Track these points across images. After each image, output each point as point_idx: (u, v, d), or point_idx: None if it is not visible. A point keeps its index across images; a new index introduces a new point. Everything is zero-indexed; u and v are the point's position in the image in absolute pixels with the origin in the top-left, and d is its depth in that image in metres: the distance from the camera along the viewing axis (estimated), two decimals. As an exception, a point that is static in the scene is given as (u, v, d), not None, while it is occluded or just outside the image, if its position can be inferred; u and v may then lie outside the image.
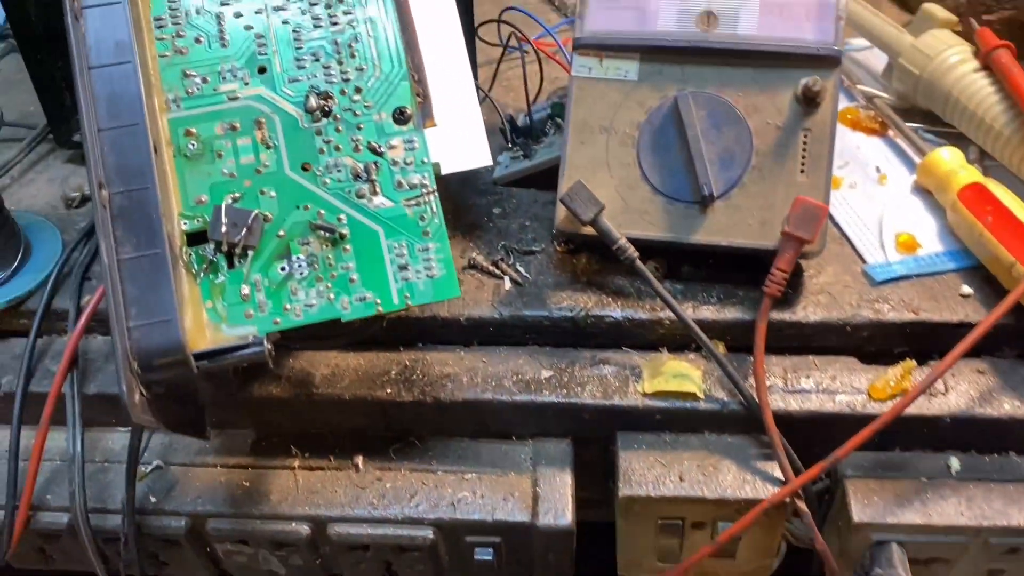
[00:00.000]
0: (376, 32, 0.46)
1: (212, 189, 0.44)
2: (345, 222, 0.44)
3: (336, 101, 0.45)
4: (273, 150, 0.44)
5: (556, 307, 0.53)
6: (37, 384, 0.53)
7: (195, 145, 0.44)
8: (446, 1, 0.53)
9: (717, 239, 0.51)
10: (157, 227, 0.41)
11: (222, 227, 0.42)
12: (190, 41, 0.45)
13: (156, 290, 0.40)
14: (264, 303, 0.43)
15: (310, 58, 0.45)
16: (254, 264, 0.43)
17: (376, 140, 0.45)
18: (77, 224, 0.61)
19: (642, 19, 0.52)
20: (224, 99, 0.45)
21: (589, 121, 0.53)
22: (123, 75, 0.42)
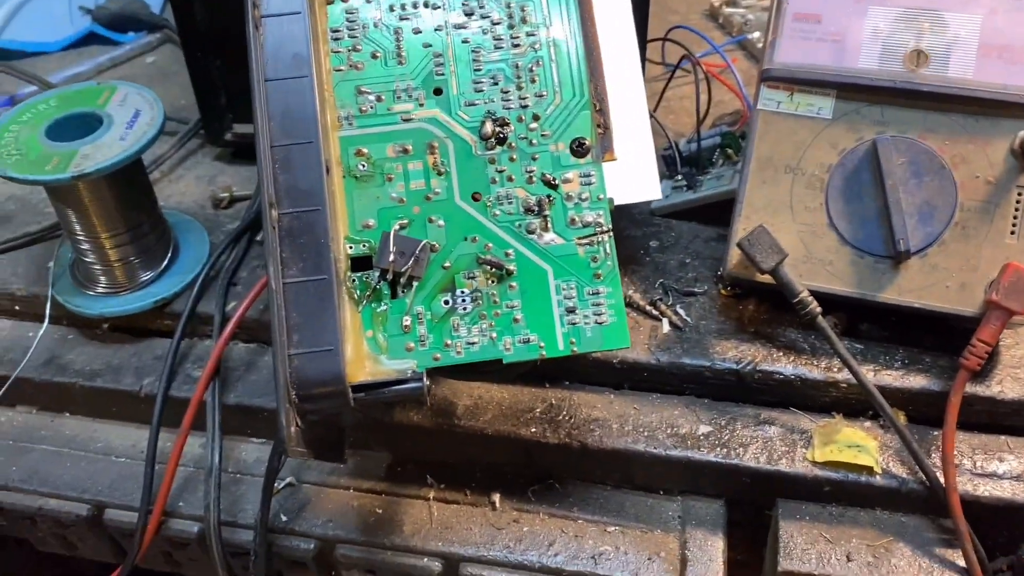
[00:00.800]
0: (559, 57, 0.43)
1: (380, 213, 0.42)
2: (513, 258, 0.41)
3: (512, 128, 0.42)
4: (444, 177, 0.42)
5: (720, 357, 0.49)
6: (177, 388, 0.53)
7: (365, 166, 0.42)
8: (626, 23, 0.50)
9: (909, 300, 0.47)
10: (325, 252, 0.39)
11: (390, 255, 0.40)
12: (366, 56, 0.43)
13: (320, 318, 0.38)
14: (425, 337, 0.40)
15: (488, 81, 0.43)
16: (418, 295, 0.41)
17: (551, 172, 0.42)
18: (224, 226, 0.61)
19: (841, 54, 0.48)
20: (398, 120, 0.42)
21: (773, 159, 0.49)
22: (299, 90, 0.40)
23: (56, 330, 0.57)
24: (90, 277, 0.55)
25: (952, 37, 0.47)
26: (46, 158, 0.48)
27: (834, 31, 0.48)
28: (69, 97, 0.53)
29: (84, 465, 0.54)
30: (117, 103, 0.52)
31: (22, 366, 0.54)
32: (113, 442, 0.55)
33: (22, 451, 0.55)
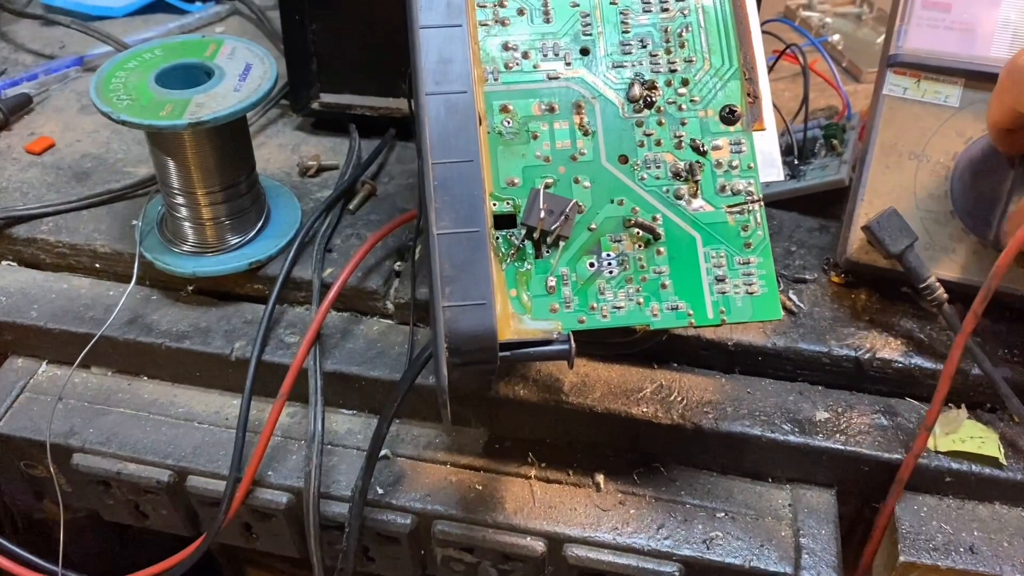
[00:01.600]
0: (709, 23, 0.42)
1: (524, 171, 0.40)
2: (660, 223, 0.40)
3: (661, 92, 0.42)
4: (591, 137, 0.41)
5: (837, 344, 0.48)
6: (271, 353, 0.51)
7: (510, 123, 0.41)
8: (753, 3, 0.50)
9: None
10: (479, 204, 0.38)
11: (539, 213, 0.39)
12: (512, 12, 0.42)
13: (472, 271, 0.37)
14: (570, 298, 0.39)
15: (637, 44, 0.42)
16: (563, 256, 0.40)
17: (700, 138, 0.41)
18: (313, 194, 0.59)
19: (971, 41, 0.48)
20: (544, 78, 0.41)
21: (898, 145, 0.48)
22: (453, 38, 0.39)
23: (139, 290, 0.55)
24: (180, 235, 0.53)
25: (1087, 30, 0.47)
26: (159, 104, 0.47)
27: (965, 19, 0.48)
28: (175, 47, 0.51)
29: (165, 430, 0.52)
30: (226, 56, 0.51)
31: (107, 324, 0.52)
32: (195, 408, 0.53)
33: (98, 413, 0.53)
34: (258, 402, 0.50)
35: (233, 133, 0.50)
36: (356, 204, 0.57)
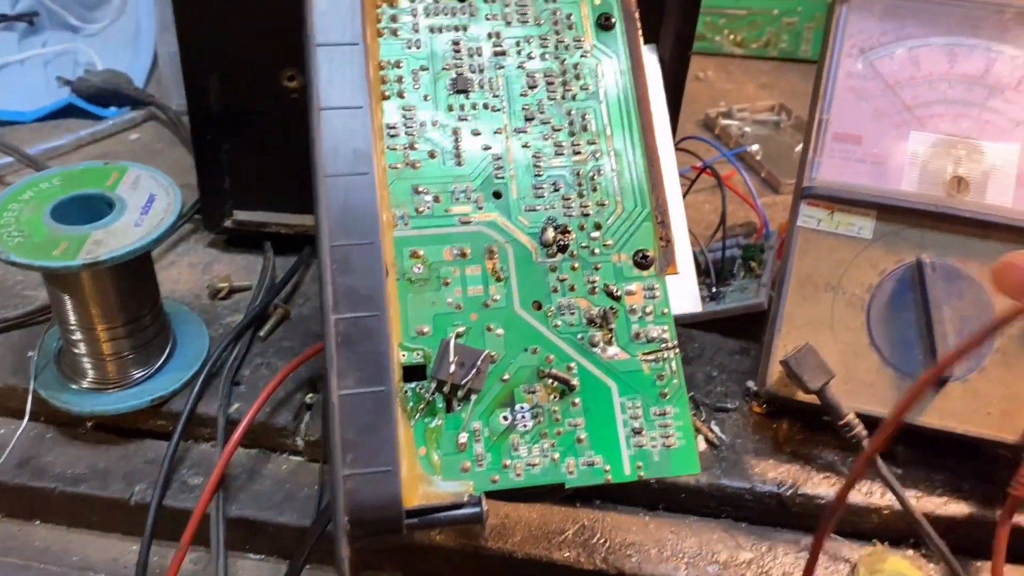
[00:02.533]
0: (620, 166, 0.42)
1: (435, 319, 0.39)
2: (576, 372, 0.39)
3: (574, 236, 0.41)
4: (503, 283, 0.40)
5: (760, 480, 0.47)
6: (173, 497, 0.48)
7: (421, 269, 0.39)
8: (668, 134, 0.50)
9: (951, 425, 0.46)
10: (384, 361, 0.36)
11: (449, 366, 0.37)
12: (423, 155, 0.41)
13: (377, 434, 0.35)
14: (483, 456, 0.38)
15: (549, 187, 0.41)
16: (475, 410, 0.38)
17: (614, 283, 0.41)
18: (223, 319, 0.57)
19: (882, 175, 0.49)
20: (455, 222, 0.40)
21: (813, 276, 0.49)
22: (360, 187, 0.38)
23: (33, 427, 0.51)
24: (79, 371, 0.50)
25: (990, 166, 0.48)
26: (54, 242, 0.44)
27: (875, 152, 0.49)
28: (74, 176, 0.49)
29: (56, 581, 0.48)
30: (129, 185, 0.49)
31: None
32: (91, 555, 0.49)
33: (-17, 563, 0.49)
34: (161, 547, 0.47)
35: (135, 268, 0.48)
36: (267, 330, 0.55)
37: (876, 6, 0.50)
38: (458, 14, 0.44)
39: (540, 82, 0.43)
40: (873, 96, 0.49)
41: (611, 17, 0.44)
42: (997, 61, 0.49)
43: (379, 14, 0.43)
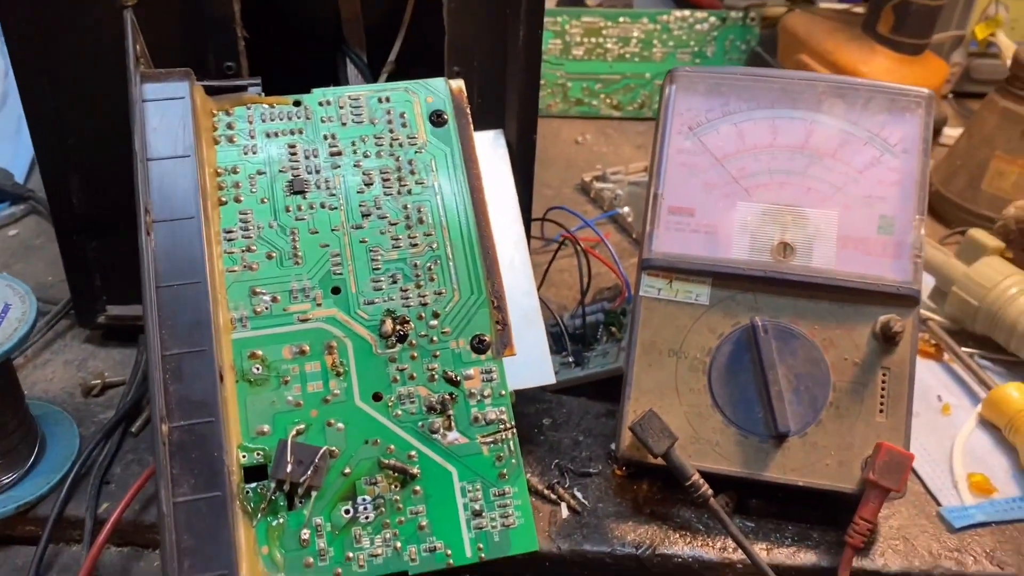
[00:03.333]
0: (456, 256, 0.44)
1: (276, 419, 0.40)
2: (416, 460, 0.41)
3: (413, 326, 0.43)
4: (343, 377, 0.41)
5: (619, 542, 0.49)
6: (40, 605, 0.48)
7: (260, 369, 0.41)
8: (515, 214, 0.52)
9: (793, 478, 0.49)
10: (218, 466, 0.37)
11: (287, 466, 0.39)
12: (261, 256, 0.43)
13: (214, 538, 0.36)
14: (325, 550, 0.39)
15: (387, 279, 0.43)
16: (316, 506, 0.39)
17: (453, 369, 0.42)
18: (96, 416, 0.57)
19: (715, 244, 0.51)
20: (294, 320, 0.42)
21: (657, 343, 0.51)
22: (192, 295, 0.40)
23: None
24: (-60, 482, 0.50)
25: (814, 231, 0.51)
26: (-98, 359, 0.45)
27: (707, 223, 0.52)
28: (-72, 289, 0.49)
29: None
30: (-17, 296, 0.49)
31: None
32: (-42, 670, 0.49)
33: None
34: (29, 656, 0.47)
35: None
36: (139, 425, 0.56)
37: (701, 85, 0.53)
38: (293, 118, 0.46)
39: (376, 179, 0.45)
40: (703, 170, 0.52)
41: (443, 114, 0.47)
42: (815, 131, 0.52)
43: (215, 123, 0.45)
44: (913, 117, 0.52)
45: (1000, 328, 0.60)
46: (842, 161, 0.52)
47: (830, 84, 0.53)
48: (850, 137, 0.52)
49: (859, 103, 0.52)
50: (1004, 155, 0.73)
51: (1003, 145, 0.74)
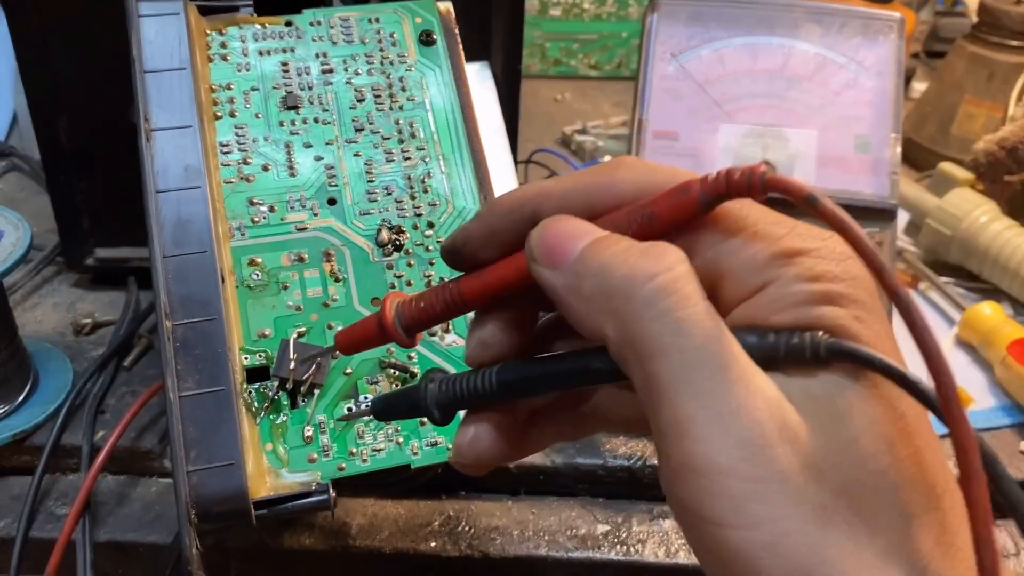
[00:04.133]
0: (449, 168, 0.45)
1: (276, 322, 0.41)
2: (415, 360, 0.42)
3: (408, 236, 0.43)
4: (342, 283, 0.42)
5: (611, 455, 0.50)
6: (40, 528, 0.48)
7: (259, 276, 0.41)
8: (502, 142, 0.53)
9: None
10: (223, 362, 0.38)
11: (289, 363, 0.39)
12: (257, 168, 0.43)
13: (218, 431, 0.37)
14: (329, 446, 0.39)
15: (382, 191, 0.44)
16: (319, 404, 0.40)
17: (449, 276, 0.43)
18: (88, 353, 0.57)
19: (698, 167, 0.53)
20: (292, 229, 0.43)
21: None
22: (192, 200, 0.40)
23: None
24: (-66, 413, 0.50)
25: (794, 151, 0.52)
26: None
27: (691, 146, 0.53)
28: (-80, 219, 0.49)
29: (-80, 626, 0.48)
30: (-24, 224, 0.49)
31: None
32: (-43, 597, 0.49)
33: None
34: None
35: (-14, 302, 0.48)
36: (132, 360, 0.56)
37: (682, 13, 0.54)
38: (285, 37, 0.46)
39: (368, 95, 0.46)
40: (685, 95, 0.54)
41: (432, 34, 0.48)
42: (793, 55, 0.54)
43: (208, 41, 0.45)
44: (886, 40, 0.53)
45: (973, 256, 0.62)
46: (819, 83, 0.53)
47: (806, 10, 0.54)
48: (826, 60, 0.53)
49: (834, 28, 0.54)
50: (973, 98, 0.76)
51: (972, 88, 0.76)
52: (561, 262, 0.24)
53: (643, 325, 0.22)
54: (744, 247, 0.23)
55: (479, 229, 0.27)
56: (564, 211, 0.26)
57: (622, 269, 0.23)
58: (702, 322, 0.22)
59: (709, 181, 0.23)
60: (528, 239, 0.25)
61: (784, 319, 0.23)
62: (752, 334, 0.23)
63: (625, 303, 0.23)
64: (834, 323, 0.22)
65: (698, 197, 0.23)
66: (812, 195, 0.21)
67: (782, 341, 0.22)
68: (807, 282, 0.22)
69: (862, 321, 0.22)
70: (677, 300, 0.22)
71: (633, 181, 0.25)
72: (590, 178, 0.26)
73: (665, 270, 0.22)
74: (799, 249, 0.23)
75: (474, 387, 0.28)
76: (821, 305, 0.22)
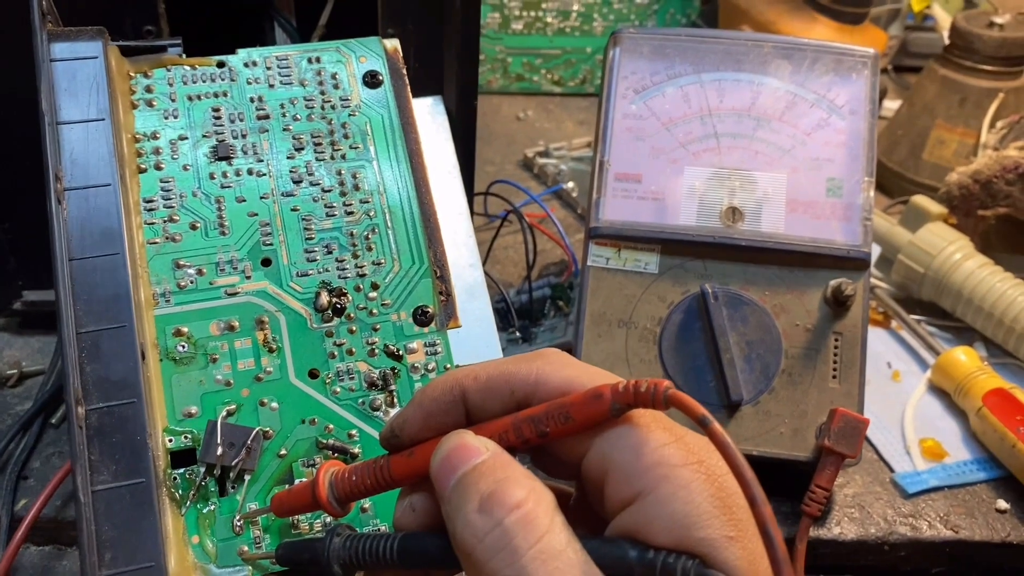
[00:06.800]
0: (396, 223, 0.42)
1: (204, 399, 0.37)
2: (357, 439, 0.38)
3: (350, 298, 0.40)
4: (277, 354, 0.39)
5: (571, 520, 0.48)
6: (-47, 610, 0.45)
7: (185, 347, 0.38)
8: (456, 184, 0.50)
9: (747, 447, 0.48)
10: (142, 450, 0.34)
11: (217, 448, 0.36)
12: (184, 227, 0.40)
13: (137, 528, 0.33)
14: (261, 538, 0.36)
15: (322, 250, 0.41)
16: (251, 490, 0.37)
17: (395, 343, 0.40)
18: (13, 408, 0.53)
19: (662, 211, 0.50)
20: (221, 294, 0.39)
21: (606, 314, 0.49)
22: (109, 268, 0.36)
23: None
24: None
25: (762, 194, 0.50)
26: None
27: (654, 190, 0.50)
28: None
29: None
30: None
31: None
32: None
33: None
34: (-57, 666, 0.43)
35: None
36: (60, 416, 0.52)
37: (645, 47, 0.52)
38: (217, 80, 0.43)
39: (307, 143, 0.42)
40: (649, 135, 0.51)
41: (378, 74, 0.44)
42: (761, 93, 0.51)
43: (132, 85, 0.42)
44: (859, 78, 0.51)
45: (946, 294, 0.60)
46: (789, 123, 0.51)
47: (776, 45, 0.52)
48: (797, 99, 0.51)
49: (805, 64, 0.51)
50: (944, 123, 0.74)
51: (943, 113, 0.74)
52: (444, 487, 0.27)
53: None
54: (628, 451, 0.26)
55: (415, 414, 0.30)
56: (488, 398, 0.29)
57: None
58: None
59: (619, 391, 0.26)
60: (434, 456, 0.28)
61: (662, 538, 0.25)
62: (635, 548, 0.25)
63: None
64: (706, 546, 0.24)
65: (610, 405, 0.26)
66: (704, 416, 0.24)
67: (659, 559, 0.25)
68: (682, 502, 0.24)
69: (735, 541, 0.24)
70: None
71: (553, 375, 0.28)
72: (515, 368, 0.29)
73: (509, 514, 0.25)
74: (680, 461, 0.25)
75: (376, 551, 0.29)
76: (696, 526, 0.24)
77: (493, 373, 0.29)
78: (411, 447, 0.30)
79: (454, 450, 0.27)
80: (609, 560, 0.25)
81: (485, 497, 0.26)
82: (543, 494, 0.26)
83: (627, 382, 0.26)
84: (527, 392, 0.28)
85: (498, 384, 0.29)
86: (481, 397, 0.29)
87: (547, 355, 0.29)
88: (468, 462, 0.27)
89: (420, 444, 0.30)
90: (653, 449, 0.25)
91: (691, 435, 0.26)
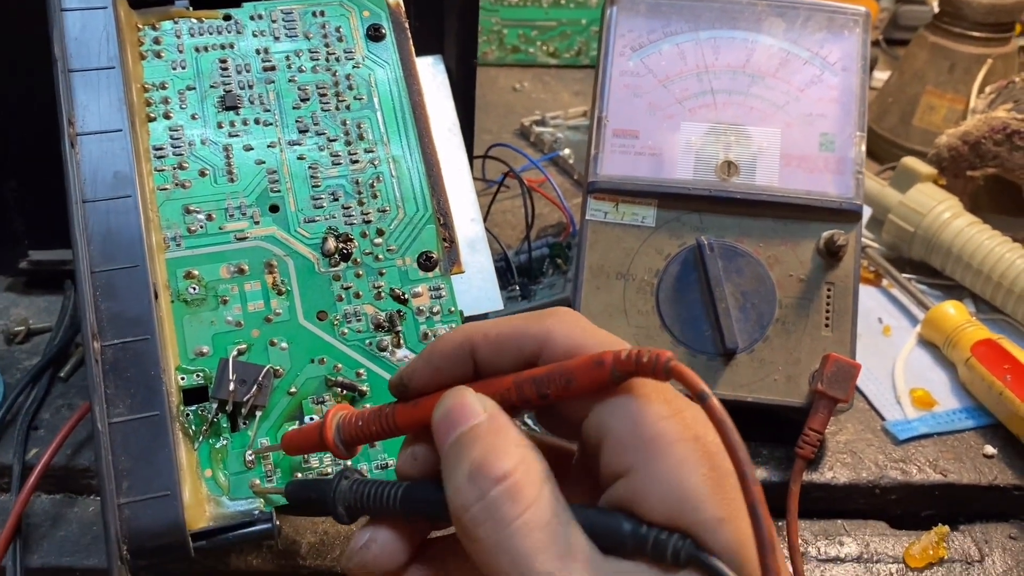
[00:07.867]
0: (400, 172, 0.43)
1: (215, 339, 0.39)
2: (365, 378, 0.39)
3: (356, 244, 0.41)
4: (285, 296, 0.40)
5: (571, 466, 0.49)
6: (-33, 555, 0.45)
7: (196, 289, 0.39)
8: (458, 141, 0.51)
9: (742, 394, 0.49)
10: (156, 384, 0.35)
11: (229, 384, 0.37)
12: (194, 174, 0.41)
13: (153, 459, 0.34)
14: (272, 471, 0.37)
15: (328, 197, 0.42)
16: (262, 426, 0.38)
17: (400, 287, 0.41)
18: (21, 363, 0.54)
19: (659, 166, 0.51)
20: (231, 239, 0.40)
21: (605, 266, 0.50)
22: (122, 210, 0.37)
23: None
24: None
25: (757, 149, 0.51)
26: None
27: (651, 145, 0.51)
28: None
29: None
30: None
31: None
32: None
33: None
34: (-42, 610, 0.44)
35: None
36: (69, 370, 0.53)
37: (642, 6, 0.53)
38: (224, 32, 0.44)
39: (312, 94, 0.43)
40: (646, 92, 0.52)
41: (381, 28, 0.45)
42: (756, 51, 0.52)
43: (140, 37, 0.42)
44: (851, 35, 0.52)
45: (936, 252, 0.61)
46: (783, 80, 0.52)
47: (770, 3, 0.53)
48: (790, 56, 0.52)
49: (798, 22, 0.52)
50: (934, 89, 0.75)
51: (933, 79, 0.75)
52: (443, 444, 0.28)
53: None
54: (626, 420, 0.26)
55: (424, 367, 0.31)
56: (498, 355, 0.29)
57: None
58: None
59: (622, 359, 0.26)
60: (435, 411, 0.28)
61: (655, 514, 0.25)
62: (629, 522, 0.25)
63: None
64: (698, 527, 0.24)
65: (611, 372, 0.26)
66: (704, 392, 0.24)
67: (651, 535, 0.25)
68: (676, 480, 0.25)
69: (727, 523, 0.24)
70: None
71: (563, 336, 0.28)
72: (525, 326, 0.29)
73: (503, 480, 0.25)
74: (676, 436, 0.25)
75: (380, 497, 0.30)
76: (689, 506, 0.25)
77: (504, 330, 0.29)
78: (417, 398, 0.30)
79: (452, 408, 0.28)
80: (603, 530, 0.26)
81: (475, 466, 0.26)
82: (533, 463, 0.26)
83: (630, 350, 0.26)
84: (535, 350, 0.29)
85: (508, 341, 0.29)
86: (491, 352, 0.29)
87: (559, 314, 0.29)
88: (465, 423, 0.27)
89: (426, 396, 0.30)
90: (651, 423, 0.26)
91: (689, 409, 0.26)
